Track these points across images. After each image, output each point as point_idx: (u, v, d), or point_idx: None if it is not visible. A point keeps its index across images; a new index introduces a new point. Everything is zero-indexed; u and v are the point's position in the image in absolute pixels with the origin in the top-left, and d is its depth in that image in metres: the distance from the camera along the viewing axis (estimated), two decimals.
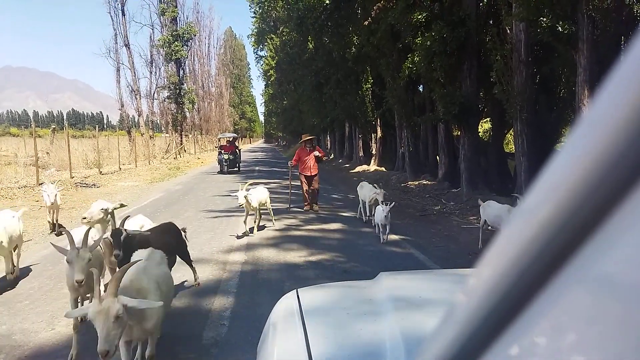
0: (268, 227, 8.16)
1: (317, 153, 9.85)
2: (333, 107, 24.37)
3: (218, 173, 19.39)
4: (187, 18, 37.81)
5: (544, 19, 7.89)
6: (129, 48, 30.75)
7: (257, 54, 57.41)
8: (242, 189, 6.82)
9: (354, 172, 21.14)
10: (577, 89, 8.23)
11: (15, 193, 11.63)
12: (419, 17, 11.51)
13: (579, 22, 7.81)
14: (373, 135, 22.27)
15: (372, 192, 7.99)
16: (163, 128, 37.98)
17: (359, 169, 21.52)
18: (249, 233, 7.30)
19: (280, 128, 65.29)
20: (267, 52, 49.01)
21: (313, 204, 9.86)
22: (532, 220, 0.36)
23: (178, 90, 34.32)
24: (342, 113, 23.48)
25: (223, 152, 19.69)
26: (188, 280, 5.11)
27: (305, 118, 34.16)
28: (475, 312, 0.43)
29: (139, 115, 32.05)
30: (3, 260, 5.02)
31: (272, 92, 57.56)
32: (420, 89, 17.64)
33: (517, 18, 8.64)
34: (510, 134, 15.94)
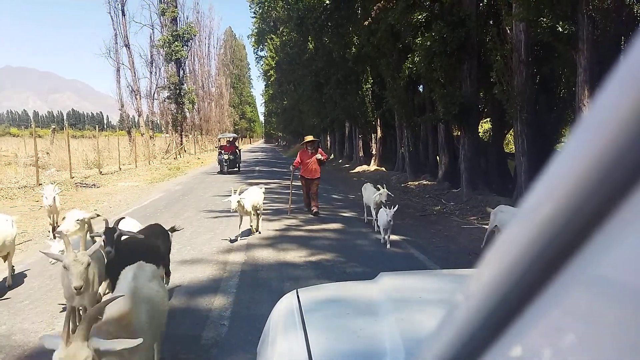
0: (267, 227, 8.15)
1: (319, 156, 9.44)
2: (333, 107, 24.38)
3: (218, 173, 19.39)
4: (187, 18, 37.87)
5: (544, 19, 7.88)
6: (129, 48, 30.77)
7: (257, 54, 57.45)
8: (234, 193, 6.63)
9: (354, 172, 21.15)
10: (577, 89, 8.23)
11: (15, 193, 11.63)
12: (419, 17, 11.52)
13: (579, 22, 7.82)
14: (373, 136, 22.28)
15: (373, 193, 7.67)
16: (163, 128, 37.98)
17: (359, 169, 21.53)
18: (239, 237, 7.00)
19: (281, 128, 65.34)
20: (267, 52, 49.03)
21: (313, 207, 9.47)
22: (532, 222, 0.36)
23: (178, 91, 34.32)
24: (342, 113, 23.49)
25: (223, 152, 19.69)
26: (187, 280, 5.12)
27: (306, 118, 34.20)
28: (476, 312, 0.43)
29: (139, 116, 32.05)
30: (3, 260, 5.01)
31: (272, 92, 57.62)
32: (420, 89, 17.64)
33: (517, 18, 8.64)
34: (511, 134, 15.95)
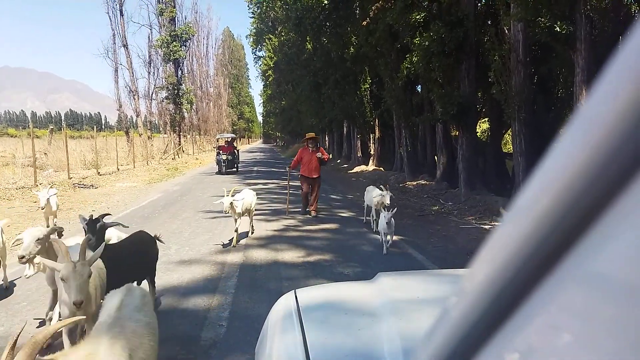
0: (265, 227, 8.15)
1: (319, 154, 9.22)
2: (331, 107, 24.39)
3: (216, 174, 19.37)
4: (185, 18, 37.84)
5: (542, 19, 7.89)
6: (127, 48, 30.69)
7: (255, 55, 57.38)
8: (227, 195, 6.47)
9: (353, 172, 21.16)
10: (575, 89, 8.24)
11: (13, 194, 11.60)
12: (417, 17, 11.53)
13: (577, 22, 7.83)
14: (371, 136, 22.30)
15: (377, 195, 7.33)
16: (161, 128, 37.90)
17: (358, 169, 21.53)
18: (236, 244, 6.70)
19: (279, 128, 65.34)
20: (265, 52, 48.99)
21: (313, 209, 9.25)
22: (526, 218, 0.36)
23: (176, 91, 34.28)
24: (340, 113, 23.50)
25: (221, 152, 19.68)
26: (186, 281, 5.11)
27: (304, 118, 34.23)
28: (470, 311, 0.43)
29: (137, 116, 31.98)
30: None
31: (270, 92, 57.63)
32: (419, 89, 17.65)
33: (515, 18, 8.65)
34: (509, 134, 15.96)
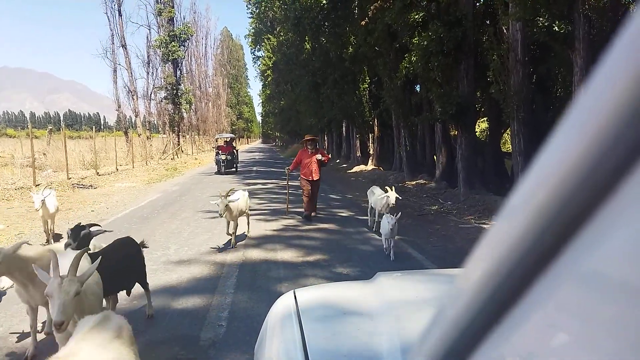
0: (265, 227, 8.15)
1: (319, 156, 8.88)
2: (330, 107, 24.39)
3: (215, 174, 19.36)
4: (184, 18, 37.81)
5: (541, 19, 7.89)
6: (126, 48, 30.62)
7: (254, 55, 57.36)
8: (222, 197, 6.22)
9: (352, 172, 21.16)
10: (573, 89, 8.25)
11: (12, 194, 11.58)
12: (416, 17, 11.53)
13: (575, 21, 7.83)
14: (370, 135, 22.29)
15: (382, 196, 7.02)
16: (160, 129, 37.83)
17: (357, 169, 21.53)
18: (235, 245, 6.59)
19: (278, 128, 65.29)
20: (264, 52, 48.97)
21: (312, 212, 9.03)
22: (520, 216, 0.36)
23: (175, 91, 34.24)
24: (339, 113, 23.49)
25: (220, 152, 19.66)
26: (185, 281, 5.11)
27: (303, 118, 34.21)
28: (466, 310, 0.43)
29: (136, 116, 31.92)
30: None
31: (269, 92, 57.55)
32: (418, 89, 17.66)
33: (513, 18, 8.66)
34: (507, 134, 15.98)
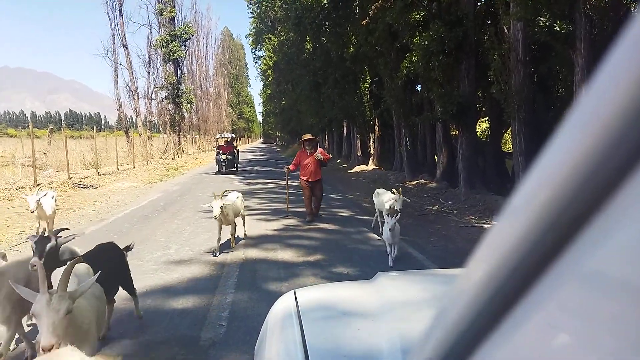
0: (265, 227, 8.14)
1: (318, 155, 8.60)
2: (331, 106, 24.38)
3: (216, 173, 19.38)
4: (185, 18, 37.84)
5: (542, 18, 7.88)
6: (127, 48, 30.65)
7: (255, 54, 57.43)
8: (216, 199, 5.85)
9: (352, 172, 21.16)
10: (574, 88, 8.24)
11: (13, 194, 11.59)
12: (417, 16, 11.52)
13: (577, 21, 7.82)
14: (371, 135, 22.29)
15: (389, 199, 6.72)
16: (161, 128, 37.89)
17: (357, 169, 21.53)
18: (218, 252, 6.14)
19: (279, 128, 65.32)
20: (265, 52, 48.99)
21: (315, 212, 8.77)
22: (522, 216, 0.35)
23: (176, 91, 34.27)
24: (340, 113, 23.49)
25: (221, 152, 19.68)
26: (185, 281, 5.10)
27: (304, 118, 34.21)
28: (467, 310, 0.42)
29: (137, 116, 31.96)
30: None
31: (270, 92, 57.61)
32: (418, 89, 17.65)
33: (514, 17, 8.65)
34: (508, 134, 15.97)
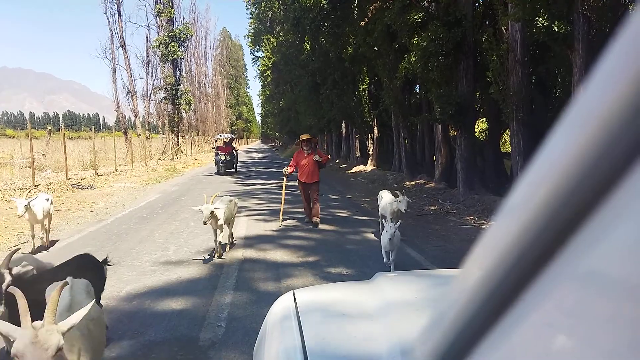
0: (264, 228, 8.14)
1: (316, 157, 8.35)
2: (330, 107, 24.39)
3: (215, 174, 19.37)
4: (183, 19, 37.86)
5: (540, 19, 7.89)
6: (125, 49, 30.63)
7: (253, 55, 57.33)
8: (207, 202, 5.62)
9: (351, 172, 21.16)
10: (573, 89, 8.25)
11: (11, 195, 11.56)
12: (415, 17, 11.54)
13: (575, 21, 7.84)
14: (370, 136, 22.30)
15: (392, 201, 6.58)
16: (159, 129, 37.85)
17: (356, 170, 21.54)
18: (221, 254, 6.06)
19: (277, 129, 65.31)
20: (263, 52, 48.95)
21: (314, 216, 8.42)
22: (518, 216, 0.35)
23: (174, 91, 34.24)
24: (338, 113, 23.49)
25: (220, 153, 19.67)
26: (185, 281, 5.10)
27: (302, 119, 34.19)
28: (464, 310, 0.43)
29: (136, 116, 31.92)
30: None
31: (268, 92, 57.57)
32: (417, 89, 17.66)
33: (513, 18, 8.66)
34: (507, 134, 15.99)
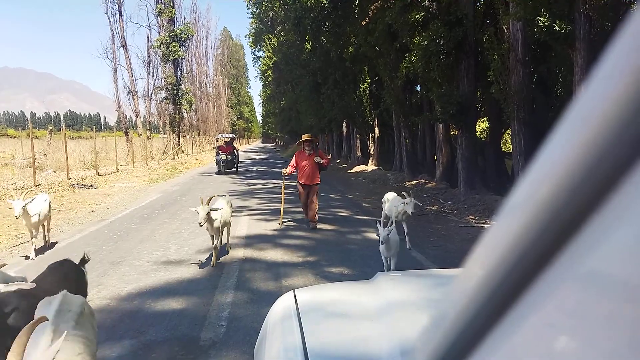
0: (265, 227, 8.14)
1: (317, 159, 8.09)
2: (331, 107, 24.40)
3: (216, 174, 19.38)
4: (184, 18, 37.88)
5: (541, 18, 7.89)
6: (126, 49, 30.65)
7: (254, 55, 57.39)
8: (203, 204, 5.34)
9: (352, 172, 21.17)
10: (574, 88, 8.24)
11: (12, 195, 11.56)
12: (417, 16, 11.54)
13: (576, 21, 7.83)
14: (371, 135, 22.30)
15: (398, 203, 6.49)
16: (161, 129, 37.91)
17: (357, 169, 21.54)
18: (215, 262, 5.69)
19: (278, 128, 65.33)
20: (264, 52, 48.97)
21: (312, 219, 8.22)
22: (519, 217, 0.35)
23: (175, 91, 34.28)
24: (339, 113, 23.50)
25: (221, 152, 19.68)
26: (185, 281, 5.10)
27: (303, 118, 34.21)
28: (465, 310, 0.42)
29: (137, 116, 31.96)
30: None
31: (269, 92, 57.59)
32: (418, 89, 17.65)
33: (514, 17, 8.65)
34: (508, 134, 15.98)
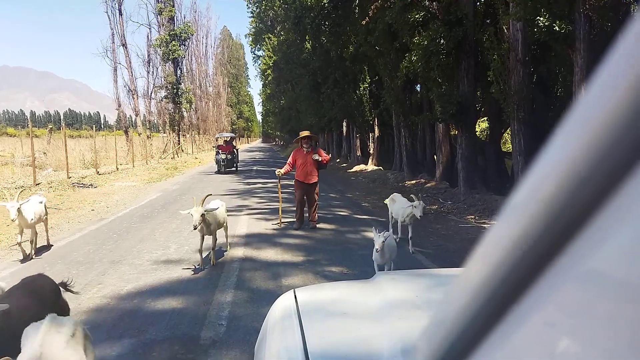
0: (264, 226, 8.15)
1: (316, 156, 7.88)
2: (331, 106, 24.39)
3: (216, 173, 19.38)
4: (184, 17, 37.87)
5: (541, 18, 7.89)
6: (126, 48, 30.64)
7: (254, 54, 57.39)
8: (197, 204, 5.22)
9: (352, 171, 21.17)
10: (574, 88, 8.24)
11: (12, 194, 11.57)
12: (417, 16, 11.54)
13: (576, 21, 7.83)
14: (371, 135, 22.31)
15: (406, 205, 6.42)
16: (160, 128, 37.89)
17: (357, 169, 21.55)
18: (204, 266, 5.55)
19: (278, 128, 65.29)
20: (264, 51, 48.96)
21: (312, 219, 8.09)
22: (520, 217, 0.35)
23: (175, 90, 34.26)
24: (339, 112, 23.50)
25: (221, 152, 19.68)
26: (185, 280, 5.10)
27: (303, 118, 34.19)
28: (466, 309, 0.43)
29: (136, 115, 31.96)
30: None
31: (269, 91, 57.56)
32: (418, 89, 17.65)
33: (514, 17, 8.66)
34: (508, 133, 15.98)
